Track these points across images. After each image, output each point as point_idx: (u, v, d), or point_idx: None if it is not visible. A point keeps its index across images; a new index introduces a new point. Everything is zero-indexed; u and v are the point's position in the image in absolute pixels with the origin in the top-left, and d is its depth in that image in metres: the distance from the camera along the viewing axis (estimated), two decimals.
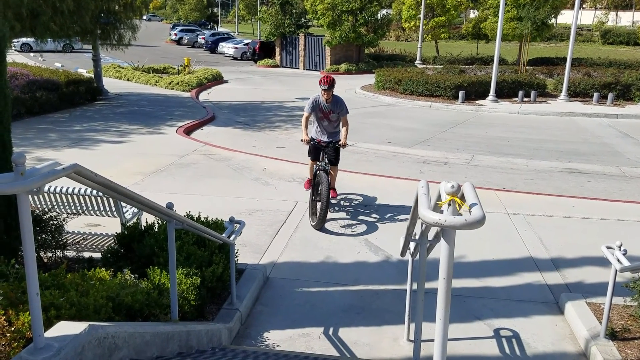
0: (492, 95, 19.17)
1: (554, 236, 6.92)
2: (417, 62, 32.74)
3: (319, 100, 7.31)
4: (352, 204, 8.06)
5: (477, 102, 19.19)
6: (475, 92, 19.77)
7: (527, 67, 25.48)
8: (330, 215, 7.28)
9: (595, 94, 19.49)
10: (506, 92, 20.11)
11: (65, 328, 2.37)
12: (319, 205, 6.91)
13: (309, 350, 4.43)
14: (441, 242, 1.72)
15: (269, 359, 3.60)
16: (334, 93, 7.23)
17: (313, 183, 7.26)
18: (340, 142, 7.37)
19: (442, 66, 27.75)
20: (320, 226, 6.89)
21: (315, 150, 7.49)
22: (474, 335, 4.73)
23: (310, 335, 4.67)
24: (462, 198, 1.92)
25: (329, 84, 7.08)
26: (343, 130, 7.37)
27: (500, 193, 8.73)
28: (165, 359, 2.82)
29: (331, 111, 7.32)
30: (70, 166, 2.18)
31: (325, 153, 7.37)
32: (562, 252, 6.43)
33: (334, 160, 7.52)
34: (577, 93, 20.32)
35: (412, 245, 4.43)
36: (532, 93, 19.54)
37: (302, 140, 7.33)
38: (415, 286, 3.78)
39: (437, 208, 1.87)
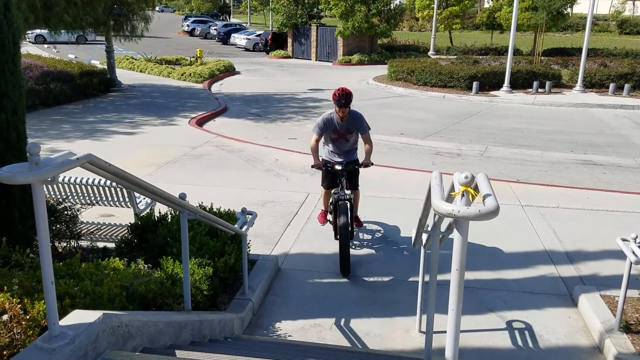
0: (506, 86, 18.98)
1: (568, 228, 6.85)
2: (431, 52, 32.47)
3: (332, 120, 5.90)
4: (364, 195, 8.04)
5: (491, 93, 19.02)
6: (490, 82, 19.59)
7: (542, 58, 25.17)
8: None
9: (611, 85, 19.21)
10: (520, 82, 19.90)
11: (79, 316, 2.40)
12: (339, 247, 5.55)
13: (321, 341, 4.44)
14: (454, 233, 1.71)
15: (281, 349, 3.61)
16: (351, 107, 5.84)
17: (332, 215, 6.05)
18: (362, 162, 6.04)
19: (455, 57, 27.51)
20: (346, 273, 5.58)
21: (330, 176, 6.12)
22: (486, 327, 4.71)
23: (322, 325, 4.68)
24: (476, 189, 1.90)
25: (346, 98, 5.64)
26: (366, 147, 6.03)
27: (514, 185, 8.66)
28: (179, 348, 2.84)
29: (348, 130, 5.96)
30: (84, 156, 2.19)
31: (343, 177, 5.96)
32: (576, 245, 6.37)
33: (355, 184, 6.22)
34: (593, 84, 20.05)
35: (424, 236, 4.41)
36: (547, 84, 19.31)
37: (313, 166, 6.02)
38: (427, 278, 3.77)
39: (450, 199, 1.85)
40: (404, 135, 12.64)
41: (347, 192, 5.92)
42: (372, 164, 6.03)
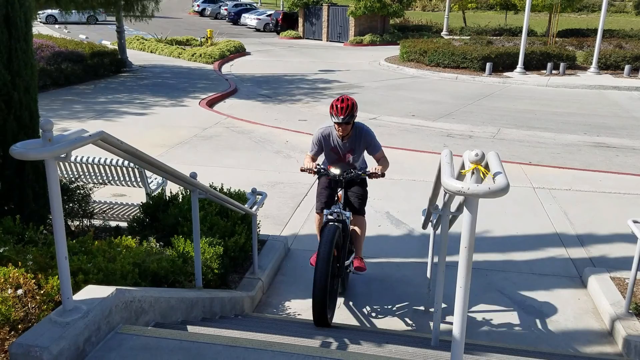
0: (519, 67, 18.74)
1: (579, 211, 6.81)
2: (444, 32, 32.07)
3: (329, 135, 4.47)
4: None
5: (505, 74, 18.79)
6: (503, 64, 19.35)
7: (557, 39, 24.75)
8: None
9: (627, 67, 18.89)
10: (534, 64, 19.62)
11: (93, 291, 2.44)
12: (312, 296, 3.74)
13: None
14: (464, 211, 1.71)
15: (291, 327, 3.65)
16: (356, 121, 4.34)
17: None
18: (367, 171, 4.38)
19: (469, 37, 27.13)
20: (323, 327, 3.79)
21: (327, 189, 4.57)
22: (495, 307, 4.72)
23: None
24: (487, 168, 1.89)
25: (348, 112, 4.11)
26: (381, 162, 4.54)
27: (526, 167, 8.60)
28: (190, 324, 2.88)
29: (351, 151, 4.49)
30: (96, 133, 2.21)
31: (341, 187, 4.46)
32: (587, 227, 6.34)
33: (358, 205, 4.57)
34: (608, 65, 19.73)
35: (434, 217, 4.41)
36: (561, 65, 19.03)
37: (304, 170, 4.41)
38: (436, 259, 3.78)
39: (460, 177, 1.85)
40: (415, 117, 12.56)
41: (347, 212, 4.40)
42: (383, 175, 4.35)
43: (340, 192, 4.45)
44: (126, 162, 5.44)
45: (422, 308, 4.67)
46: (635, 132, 11.50)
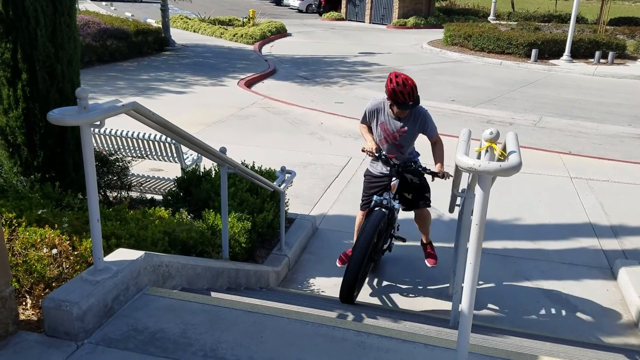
0: (566, 55, 18.15)
1: (616, 202, 6.64)
2: (491, 17, 31.27)
3: (380, 111, 4.27)
4: None
5: (551, 61, 18.25)
6: (550, 51, 18.78)
7: (607, 27, 23.82)
8: None
9: None
10: (582, 52, 18.97)
11: (123, 254, 2.58)
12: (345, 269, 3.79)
13: None
14: (476, 188, 1.73)
15: (314, 302, 3.74)
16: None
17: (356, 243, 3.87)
18: (429, 170, 4.23)
19: (516, 22, 26.37)
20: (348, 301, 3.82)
21: (375, 189, 4.41)
22: (521, 295, 4.70)
23: None
24: (504, 149, 1.90)
25: (412, 97, 3.92)
26: (434, 149, 4.35)
27: (565, 156, 8.41)
28: (215, 291, 3.01)
29: (401, 131, 4.22)
30: (129, 104, 2.32)
31: (397, 179, 4.24)
32: (622, 219, 6.18)
33: (421, 199, 4.44)
34: None
35: (458, 200, 4.39)
36: (610, 54, 18.33)
37: (364, 150, 4.21)
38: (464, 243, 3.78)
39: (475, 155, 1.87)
40: (455, 102, 12.38)
41: (396, 203, 4.22)
42: (449, 175, 4.08)
43: (394, 182, 4.25)
44: (163, 137, 5.61)
45: (446, 291, 4.69)
46: None
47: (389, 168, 4.25)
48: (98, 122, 2.17)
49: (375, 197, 4.18)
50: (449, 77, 15.53)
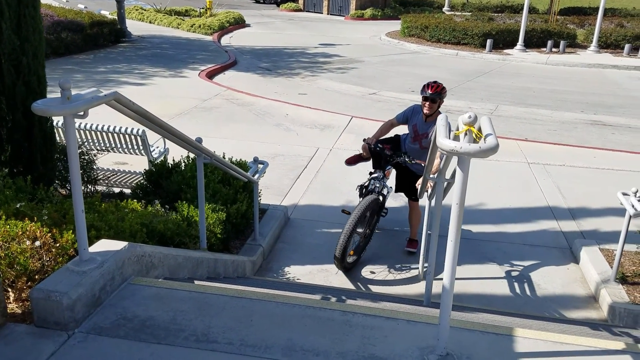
0: (520, 45, 18.70)
1: (572, 186, 6.97)
2: (445, 8, 31.79)
3: (417, 113, 5.01)
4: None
5: (505, 51, 18.77)
6: (504, 41, 19.30)
7: (558, 17, 24.60)
8: None
9: (627, 46, 18.88)
10: (535, 41, 19.58)
11: (106, 245, 2.59)
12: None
13: (328, 284, 4.66)
14: (456, 169, 1.84)
15: (290, 288, 3.82)
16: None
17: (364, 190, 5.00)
18: (416, 162, 4.87)
19: (470, 13, 26.92)
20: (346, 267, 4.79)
21: (375, 158, 5.20)
22: (486, 275, 4.91)
23: (329, 271, 4.89)
24: (480, 131, 2.02)
25: (437, 91, 4.72)
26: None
27: (522, 143, 8.73)
28: (197, 280, 3.04)
29: (425, 135, 4.93)
30: (111, 94, 2.32)
31: (390, 168, 5.12)
32: (579, 201, 6.50)
33: (413, 193, 5.08)
34: (608, 44, 19.69)
35: (429, 187, 4.54)
36: (561, 43, 19.00)
37: (364, 141, 5.09)
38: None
39: (455, 138, 1.97)
40: (415, 92, 12.60)
41: (388, 187, 5.09)
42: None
43: (388, 170, 5.04)
44: (129, 130, 5.54)
45: (417, 274, 4.85)
46: (632, 110, 11.61)
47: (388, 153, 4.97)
48: (82, 113, 2.18)
49: (372, 179, 4.96)
50: (408, 68, 15.79)
